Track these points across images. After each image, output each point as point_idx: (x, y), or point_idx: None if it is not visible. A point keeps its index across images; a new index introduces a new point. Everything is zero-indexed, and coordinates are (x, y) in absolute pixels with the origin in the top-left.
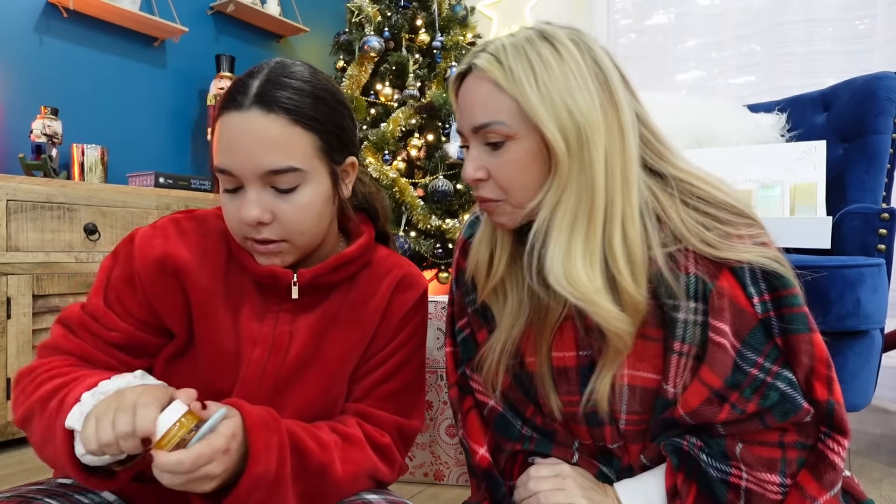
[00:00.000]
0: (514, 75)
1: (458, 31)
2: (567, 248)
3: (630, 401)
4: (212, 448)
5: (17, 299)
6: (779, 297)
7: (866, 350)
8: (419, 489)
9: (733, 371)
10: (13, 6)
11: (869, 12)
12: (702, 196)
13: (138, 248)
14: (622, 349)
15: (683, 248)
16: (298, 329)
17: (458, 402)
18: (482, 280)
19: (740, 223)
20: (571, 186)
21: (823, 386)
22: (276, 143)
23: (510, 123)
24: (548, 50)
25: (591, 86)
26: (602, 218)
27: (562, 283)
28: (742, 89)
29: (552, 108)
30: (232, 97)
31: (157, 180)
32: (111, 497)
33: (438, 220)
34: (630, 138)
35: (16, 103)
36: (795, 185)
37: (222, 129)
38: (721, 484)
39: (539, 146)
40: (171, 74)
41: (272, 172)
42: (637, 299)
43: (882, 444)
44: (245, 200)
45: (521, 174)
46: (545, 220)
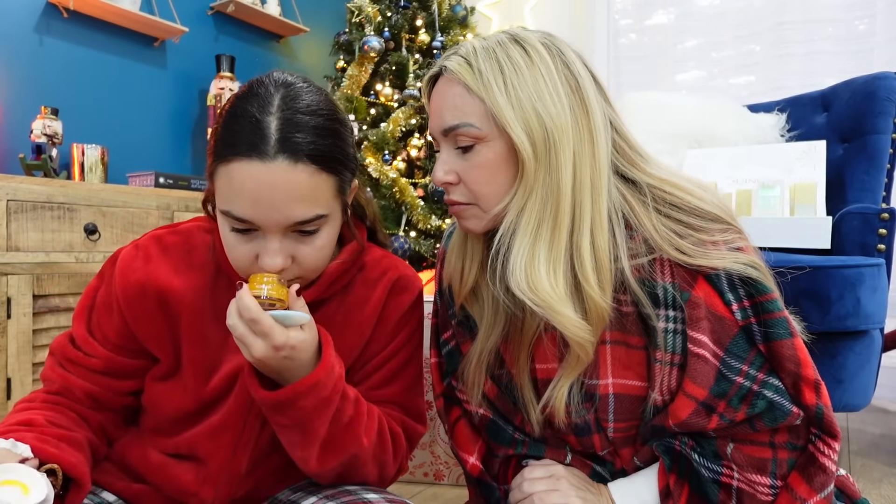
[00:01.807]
0: (483, 77)
1: (458, 31)
2: (530, 254)
3: (617, 409)
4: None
5: (17, 299)
6: (758, 302)
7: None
8: (419, 489)
9: (717, 380)
10: (13, 6)
11: (869, 12)
12: (675, 203)
13: (119, 271)
14: (583, 358)
15: (658, 257)
16: None
17: (445, 412)
18: (456, 289)
19: (715, 228)
20: (537, 191)
21: (811, 390)
22: (305, 195)
23: (479, 126)
24: (518, 53)
25: (560, 90)
26: (569, 223)
27: (523, 288)
28: (742, 89)
29: (520, 110)
30: (249, 142)
31: (158, 180)
32: (111, 497)
33: (438, 220)
34: (600, 144)
35: (16, 103)
36: (795, 185)
37: (240, 176)
38: (713, 484)
39: (508, 150)
40: (171, 74)
41: (298, 223)
42: (602, 306)
43: (882, 444)
44: (267, 249)
45: (491, 178)
46: (510, 224)
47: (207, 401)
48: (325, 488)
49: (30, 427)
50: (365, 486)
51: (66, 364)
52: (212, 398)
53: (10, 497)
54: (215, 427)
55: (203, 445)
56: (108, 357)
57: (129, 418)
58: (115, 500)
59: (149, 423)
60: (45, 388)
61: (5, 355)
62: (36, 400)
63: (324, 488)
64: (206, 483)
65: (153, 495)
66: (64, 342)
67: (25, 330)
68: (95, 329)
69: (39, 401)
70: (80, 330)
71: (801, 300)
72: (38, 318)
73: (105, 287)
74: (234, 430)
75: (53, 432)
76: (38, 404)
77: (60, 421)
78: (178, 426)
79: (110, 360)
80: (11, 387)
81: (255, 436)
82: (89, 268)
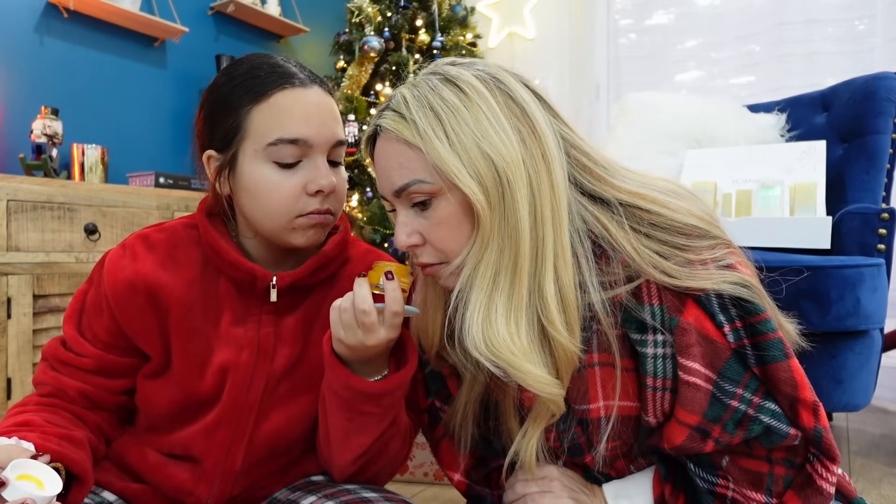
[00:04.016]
0: (420, 129)
1: (458, 32)
2: (486, 308)
3: (611, 430)
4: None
5: (17, 299)
6: (750, 323)
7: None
8: (419, 489)
9: (711, 404)
10: (13, 6)
11: (869, 12)
12: (653, 222)
13: (107, 271)
14: (555, 411)
15: (644, 282)
16: (283, 330)
17: (430, 429)
18: (427, 346)
19: (702, 246)
20: (493, 240)
21: (809, 413)
22: (338, 119)
23: (430, 180)
24: (453, 94)
25: (505, 123)
26: (529, 267)
27: (480, 349)
28: (742, 89)
29: (466, 157)
30: (283, 77)
31: (158, 180)
32: (111, 497)
33: None
34: (557, 169)
35: (16, 103)
36: (795, 185)
37: (286, 102)
38: (708, 495)
39: (464, 200)
40: (171, 74)
41: (338, 143)
42: (570, 349)
43: (882, 444)
44: (319, 169)
45: (454, 233)
46: (467, 279)
47: (200, 398)
48: (325, 487)
49: (29, 427)
50: (364, 486)
51: (58, 366)
52: (205, 396)
53: (29, 491)
54: (209, 425)
55: (197, 444)
56: (99, 356)
57: (124, 418)
58: (116, 500)
59: (143, 423)
60: (38, 391)
61: (5, 355)
62: (30, 403)
63: (323, 487)
64: (201, 481)
65: (152, 495)
66: (55, 345)
67: (25, 330)
68: (86, 329)
69: (34, 404)
70: (70, 331)
71: (801, 300)
72: (38, 318)
73: (94, 289)
74: (227, 428)
75: (54, 431)
76: (32, 407)
77: (58, 421)
78: (172, 423)
79: (102, 359)
80: (11, 387)
81: (248, 433)
82: (89, 268)
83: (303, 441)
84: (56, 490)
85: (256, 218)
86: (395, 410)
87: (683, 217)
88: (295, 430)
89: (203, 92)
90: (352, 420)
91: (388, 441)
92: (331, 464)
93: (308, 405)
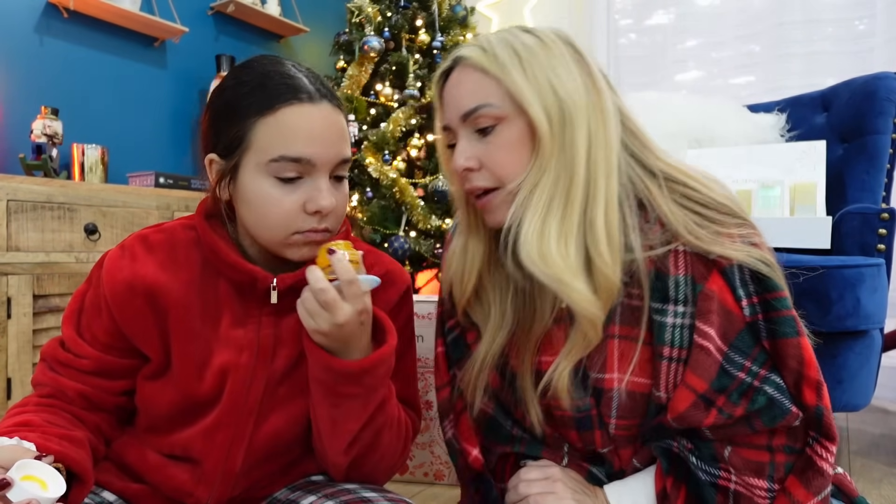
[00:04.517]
0: (499, 60)
1: (458, 32)
2: (540, 229)
3: (621, 406)
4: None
5: (17, 299)
6: (767, 299)
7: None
8: (419, 489)
9: (719, 375)
10: (13, 6)
11: (869, 12)
12: (688, 195)
13: (106, 271)
14: (591, 337)
15: (673, 250)
16: (283, 332)
17: (450, 402)
18: (458, 295)
19: (731, 223)
20: (551, 167)
21: (812, 391)
22: (345, 136)
23: (499, 104)
24: (531, 39)
25: (573, 69)
26: (581, 198)
27: (534, 260)
28: (742, 89)
29: (537, 86)
30: (293, 90)
31: (158, 180)
32: (111, 497)
33: (438, 220)
34: (612, 125)
35: (16, 103)
36: (795, 185)
37: (292, 118)
38: (710, 487)
39: (527, 127)
40: (171, 74)
41: (343, 161)
42: (612, 280)
43: (882, 444)
44: (320, 189)
45: (513, 157)
46: (522, 201)
47: (200, 400)
48: (325, 487)
49: (30, 427)
50: (364, 485)
51: (56, 367)
52: (204, 397)
53: (34, 492)
54: (209, 427)
55: (197, 445)
56: (98, 357)
57: (123, 419)
58: (116, 500)
59: (143, 423)
60: (37, 392)
61: (5, 355)
62: (29, 404)
63: (323, 487)
64: (201, 483)
65: (152, 495)
66: (54, 346)
67: (25, 330)
68: (85, 331)
69: (33, 404)
70: (69, 332)
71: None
72: (38, 318)
73: (93, 290)
74: (227, 430)
75: (55, 431)
76: (32, 407)
77: (58, 421)
78: (171, 425)
79: (100, 361)
80: (11, 387)
81: (248, 435)
82: (89, 268)
83: (303, 442)
84: (60, 491)
85: (253, 228)
86: (378, 393)
87: (715, 195)
88: (295, 431)
89: (211, 91)
90: (336, 405)
91: (379, 431)
92: (325, 459)
93: (308, 407)
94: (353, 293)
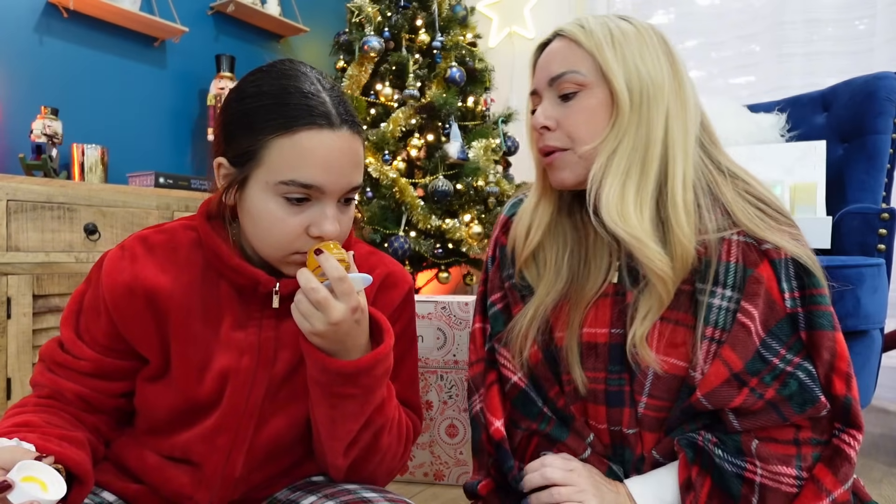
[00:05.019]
0: (594, 36)
1: (458, 31)
2: (620, 192)
3: (654, 385)
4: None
5: (17, 299)
6: (808, 294)
7: (866, 350)
8: (419, 489)
9: (754, 358)
10: (13, 6)
11: (869, 12)
12: (752, 192)
13: (106, 273)
14: (664, 296)
15: (726, 238)
16: (284, 335)
17: (482, 376)
18: (520, 251)
19: (783, 221)
20: (629, 138)
21: (842, 382)
22: (359, 163)
23: (585, 73)
24: (626, 25)
25: (661, 57)
26: (657, 172)
27: (615, 219)
28: (742, 89)
29: (623, 63)
30: (315, 113)
31: (158, 180)
32: (111, 497)
33: (438, 220)
34: (691, 114)
35: (16, 103)
36: (795, 185)
37: (310, 144)
38: (735, 478)
39: (607, 98)
40: (171, 74)
41: (354, 188)
42: (686, 245)
43: (882, 444)
44: (326, 215)
45: (589, 123)
46: (601, 165)
47: (200, 402)
48: (325, 487)
49: (29, 428)
50: (364, 486)
51: (55, 368)
52: (204, 400)
53: (34, 493)
54: (209, 430)
55: (197, 449)
56: (96, 359)
57: (122, 420)
58: (115, 500)
59: (143, 425)
60: (35, 392)
61: (5, 355)
62: (28, 404)
63: (323, 487)
64: (201, 486)
65: (151, 496)
66: (53, 347)
67: (25, 330)
68: (84, 332)
69: (32, 405)
70: (68, 334)
71: None
72: (38, 318)
73: (92, 290)
74: (228, 433)
75: (55, 432)
76: (31, 408)
77: (57, 422)
78: (171, 427)
79: (99, 363)
80: (11, 387)
81: (249, 438)
82: (89, 268)
83: (303, 445)
84: (60, 493)
85: (254, 241)
86: (377, 393)
87: (771, 196)
88: (295, 434)
89: (229, 92)
90: (335, 406)
91: (378, 432)
92: (325, 462)
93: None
94: (345, 290)
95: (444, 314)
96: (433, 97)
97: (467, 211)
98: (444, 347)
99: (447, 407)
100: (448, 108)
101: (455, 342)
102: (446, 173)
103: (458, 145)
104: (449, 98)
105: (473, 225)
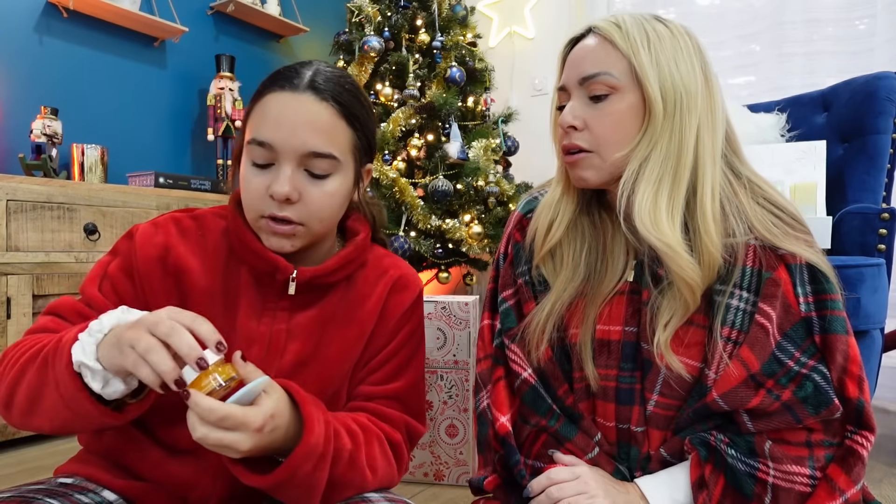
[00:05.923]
0: (630, 37)
1: (458, 31)
2: (654, 200)
3: (665, 384)
4: (245, 419)
5: (17, 299)
6: (823, 300)
7: (866, 350)
8: (419, 489)
9: (770, 360)
10: (13, 6)
11: (869, 12)
12: (769, 199)
13: (139, 243)
14: (690, 303)
15: (745, 242)
16: (295, 328)
17: (489, 372)
18: (539, 246)
19: (799, 229)
20: (662, 145)
21: (855, 385)
22: (323, 129)
23: (617, 75)
24: (662, 27)
25: (695, 63)
26: (689, 181)
27: (648, 227)
28: (742, 89)
29: (658, 69)
30: (284, 78)
31: (157, 180)
32: (112, 496)
33: (438, 220)
34: (720, 121)
35: (16, 103)
36: (795, 185)
37: (270, 104)
38: (748, 478)
39: (639, 103)
40: (171, 74)
41: (313, 154)
42: (714, 254)
43: (882, 444)
44: (279, 176)
45: (618, 127)
46: (633, 172)
47: None
48: None
49: None
50: None
51: (73, 318)
52: None
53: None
54: None
55: None
56: None
57: None
58: (116, 499)
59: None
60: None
61: None
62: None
63: None
64: (205, 475)
65: (154, 493)
66: (71, 301)
67: (25, 330)
68: (109, 293)
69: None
70: (92, 291)
71: None
72: None
73: (121, 258)
74: None
75: None
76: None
77: None
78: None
79: None
80: None
81: None
82: (88, 267)
83: None
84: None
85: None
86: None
87: (788, 204)
88: None
89: None
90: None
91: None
92: None
93: None
94: (234, 424)
95: (444, 314)
96: (433, 97)
97: (467, 211)
98: (444, 347)
99: (447, 407)
100: (448, 108)
101: (455, 342)
102: (446, 173)
103: (458, 145)
104: (449, 98)
105: (473, 225)
